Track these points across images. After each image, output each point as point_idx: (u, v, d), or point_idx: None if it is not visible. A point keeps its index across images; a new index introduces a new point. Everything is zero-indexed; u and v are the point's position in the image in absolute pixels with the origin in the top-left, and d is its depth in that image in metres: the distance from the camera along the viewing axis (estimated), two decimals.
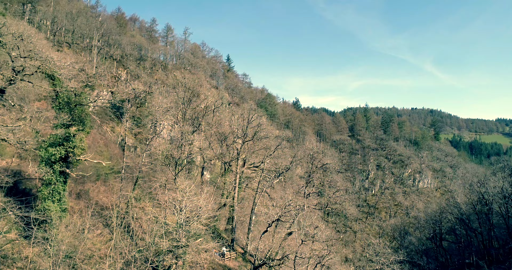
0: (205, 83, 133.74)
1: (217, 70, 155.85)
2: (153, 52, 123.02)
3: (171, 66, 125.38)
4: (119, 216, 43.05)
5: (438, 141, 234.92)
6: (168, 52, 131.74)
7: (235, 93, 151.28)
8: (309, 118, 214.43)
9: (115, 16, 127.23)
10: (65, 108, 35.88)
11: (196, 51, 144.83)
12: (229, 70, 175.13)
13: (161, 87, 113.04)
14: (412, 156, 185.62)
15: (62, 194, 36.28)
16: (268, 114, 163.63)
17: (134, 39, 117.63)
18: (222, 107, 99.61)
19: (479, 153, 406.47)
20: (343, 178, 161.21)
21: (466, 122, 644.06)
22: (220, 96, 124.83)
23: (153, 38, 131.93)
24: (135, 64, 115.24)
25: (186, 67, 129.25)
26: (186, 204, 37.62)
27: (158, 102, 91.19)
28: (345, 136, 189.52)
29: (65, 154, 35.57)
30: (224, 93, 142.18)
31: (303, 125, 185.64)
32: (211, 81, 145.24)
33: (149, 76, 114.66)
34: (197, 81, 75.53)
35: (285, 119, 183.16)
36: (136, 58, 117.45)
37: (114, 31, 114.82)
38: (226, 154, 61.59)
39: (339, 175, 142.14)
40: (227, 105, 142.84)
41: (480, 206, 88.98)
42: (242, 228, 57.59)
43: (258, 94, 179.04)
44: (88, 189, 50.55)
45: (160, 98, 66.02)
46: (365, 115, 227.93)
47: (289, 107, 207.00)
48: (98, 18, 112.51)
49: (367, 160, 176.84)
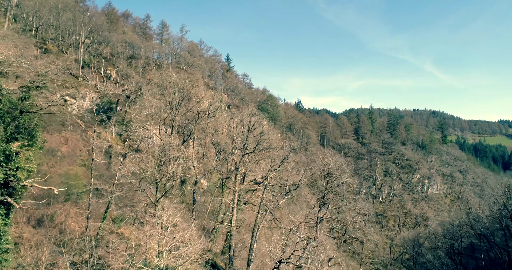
0: (201, 83, 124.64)
1: (216, 70, 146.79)
2: (147, 50, 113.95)
3: (165, 65, 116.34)
4: (86, 249, 34.09)
5: (446, 144, 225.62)
6: (163, 50, 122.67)
7: (234, 95, 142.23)
8: (312, 120, 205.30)
9: (106, 12, 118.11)
10: (6, 117, 26.86)
11: (193, 49, 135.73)
12: (228, 70, 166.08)
13: (154, 87, 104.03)
14: (421, 161, 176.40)
15: (2, 230, 27.20)
16: (269, 116, 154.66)
17: (125, 36, 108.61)
18: (219, 111, 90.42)
19: (484, 155, 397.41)
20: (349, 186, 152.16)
21: (469, 123, 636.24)
22: (218, 98, 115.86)
23: (147, 35, 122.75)
24: (126, 63, 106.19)
25: (182, 66, 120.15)
26: (167, 242, 28.64)
27: (136, 108, 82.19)
28: (351, 139, 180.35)
29: (4, 178, 26.53)
30: (222, 95, 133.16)
31: (306, 127, 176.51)
32: (209, 81, 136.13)
33: (141, 76, 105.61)
34: (189, 82, 66.11)
35: (288, 121, 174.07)
36: (127, 56, 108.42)
37: (104, 27, 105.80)
38: (223, 167, 52.83)
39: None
40: (226, 107, 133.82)
41: (506, 220, 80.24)
42: (242, 256, 48.47)
43: (259, 95, 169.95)
44: (54, 212, 41.47)
45: (146, 102, 56.87)
46: (370, 117, 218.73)
47: (291, 109, 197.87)
48: (86, 13, 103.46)
49: (373, 165, 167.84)
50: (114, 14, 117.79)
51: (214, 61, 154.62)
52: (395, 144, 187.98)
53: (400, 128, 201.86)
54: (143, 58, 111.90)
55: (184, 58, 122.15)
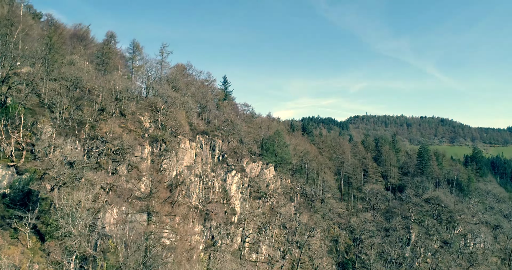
0: (187, 129, 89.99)
1: (209, 101, 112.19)
2: (106, 83, 79.02)
3: (133, 107, 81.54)
4: None
5: (483, 178, 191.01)
6: (133, 83, 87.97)
7: (231, 135, 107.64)
8: (325, 150, 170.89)
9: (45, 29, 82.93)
10: None
11: (177, 78, 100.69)
12: (225, 98, 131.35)
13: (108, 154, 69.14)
14: (464, 210, 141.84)
15: None
16: (276, 160, 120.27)
17: (71, 69, 73.77)
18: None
19: (503, 172, 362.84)
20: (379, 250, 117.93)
21: (479, 132, 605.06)
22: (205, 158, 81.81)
23: (110, 63, 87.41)
24: (71, 109, 71.45)
25: (160, 105, 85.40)
26: None
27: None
28: (379, 185, 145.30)
29: None
30: (216, 140, 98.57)
31: (321, 168, 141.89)
32: (198, 122, 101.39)
33: (91, 129, 70.86)
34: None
35: (299, 160, 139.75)
36: (74, 98, 73.73)
37: (38, 55, 71.31)
38: None
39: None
40: (220, 157, 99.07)
41: None
42: None
43: (264, 128, 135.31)
44: None
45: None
46: (394, 146, 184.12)
47: (301, 139, 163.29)
48: None
49: (406, 216, 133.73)
50: (61, 32, 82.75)
51: (206, 88, 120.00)
52: (425, 184, 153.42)
53: (432, 163, 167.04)
54: (102, 97, 77.05)
55: (162, 94, 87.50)
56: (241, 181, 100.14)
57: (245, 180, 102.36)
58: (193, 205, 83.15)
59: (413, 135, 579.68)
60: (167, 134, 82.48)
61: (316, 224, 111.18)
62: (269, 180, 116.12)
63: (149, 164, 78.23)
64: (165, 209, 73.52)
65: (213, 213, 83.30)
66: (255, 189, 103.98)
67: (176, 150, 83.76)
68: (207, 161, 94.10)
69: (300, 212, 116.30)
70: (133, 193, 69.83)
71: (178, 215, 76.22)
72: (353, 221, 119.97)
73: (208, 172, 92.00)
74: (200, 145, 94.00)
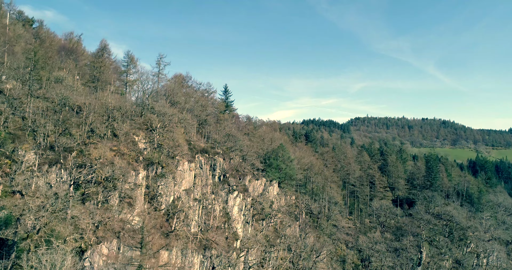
0: (185, 148, 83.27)
1: (209, 115, 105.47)
2: (97, 102, 72.22)
3: (127, 127, 74.72)
4: None
5: (493, 189, 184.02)
6: (127, 99, 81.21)
7: (232, 152, 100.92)
8: (330, 161, 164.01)
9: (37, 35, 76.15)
10: None
11: (174, 92, 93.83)
12: (226, 109, 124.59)
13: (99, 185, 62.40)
14: (476, 227, 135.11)
15: None
16: (280, 176, 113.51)
17: (57, 87, 66.99)
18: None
19: (507, 177, 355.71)
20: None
21: (481, 134, 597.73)
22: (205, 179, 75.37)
23: (102, 77, 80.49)
24: (57, 133, 64.66)
25: (156, 123, 78.58)
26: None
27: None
28: (387, 200, 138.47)
29: None
30: (217, 158, 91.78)
31: (326, 183, 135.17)
32: (198, 140, 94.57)
33: (79, 154, 64.14)
34: None
35: (303, 174, 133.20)
36: (61, 120, 66.96)
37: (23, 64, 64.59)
38: None
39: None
40: (220, 176, 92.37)
41: None
42: None
43: (267, 141, 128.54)
44: None
45: None
46: (401, 156, 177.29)
47: (305, 150, 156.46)
48: None
49: (417, 235, 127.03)
50: (49, 43, 75.88)
51: (207, 101, 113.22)
52: (435, 198, 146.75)
53: (441, 174, 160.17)
54: (92, 116, 70.28)
55: (158, 112, 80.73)
56: (243, 202, 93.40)
57: (248, 201, 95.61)
58: (192, 233, 76.34)
59: (414, 137, 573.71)
60: (163, 156, 75.69)
61: (322, 246, 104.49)
62: (273, 198, 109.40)
63: (143, 191, 71.45)
64: (161, 242, 66.87)
65: (214, 242, 76.55)
66: (258, 211, 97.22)
67: (174, 173, 76.94)
68: (207, 182, 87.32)
69: (306, 232, 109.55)
70: (125, 226, 63.09)
71: (176, 247, 69.53)
72: (362, 241, 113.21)
73: (208, 194, 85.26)
74: (199, 165, 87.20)
